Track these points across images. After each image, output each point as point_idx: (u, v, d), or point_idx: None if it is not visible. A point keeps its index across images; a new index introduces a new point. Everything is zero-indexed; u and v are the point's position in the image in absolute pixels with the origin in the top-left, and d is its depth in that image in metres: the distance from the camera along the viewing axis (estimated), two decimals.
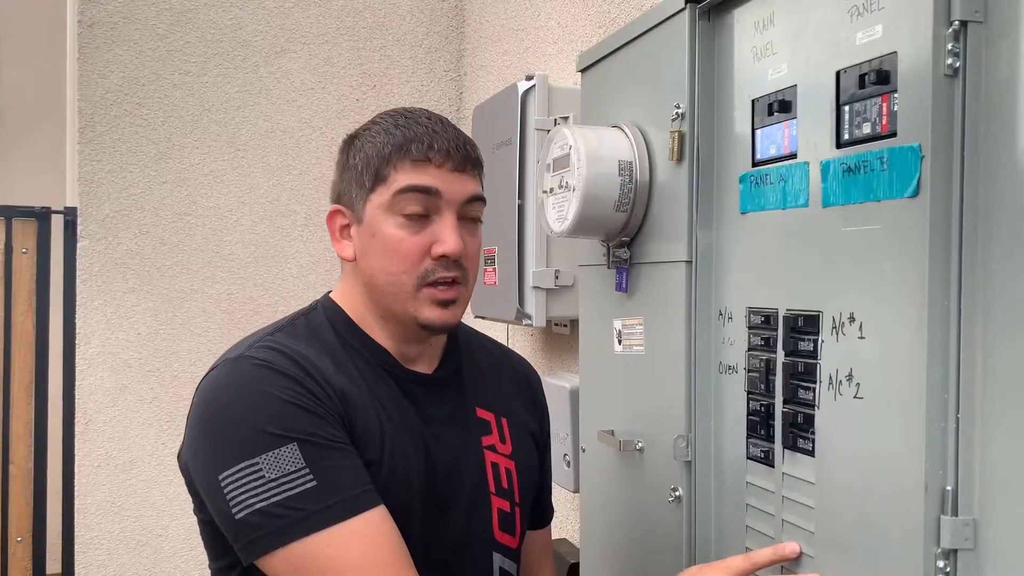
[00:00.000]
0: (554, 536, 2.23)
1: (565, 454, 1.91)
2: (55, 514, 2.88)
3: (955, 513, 0.83)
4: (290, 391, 1.04)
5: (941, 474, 0.84)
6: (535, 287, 1.94)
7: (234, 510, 1.00)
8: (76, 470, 2.76)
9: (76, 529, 2.77)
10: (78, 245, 2.75)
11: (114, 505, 2.79)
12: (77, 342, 2.75)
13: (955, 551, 0.83)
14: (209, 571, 1.16)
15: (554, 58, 2.25)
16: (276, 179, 2.92)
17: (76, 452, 2.76)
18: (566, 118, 1.90)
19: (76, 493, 2.76)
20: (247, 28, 2.89)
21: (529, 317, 1.96)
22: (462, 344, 1.29)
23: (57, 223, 2.85)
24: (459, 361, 1.26)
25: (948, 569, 0.83)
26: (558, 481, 2.02)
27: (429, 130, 1.14)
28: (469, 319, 3.10)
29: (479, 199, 1.17)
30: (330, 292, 1.25)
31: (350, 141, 1.20)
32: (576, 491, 1.86)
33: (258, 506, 1.00)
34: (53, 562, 2.93)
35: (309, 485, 1.00)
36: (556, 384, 1.97)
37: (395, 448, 1.11)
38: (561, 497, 2.22)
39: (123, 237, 2.78)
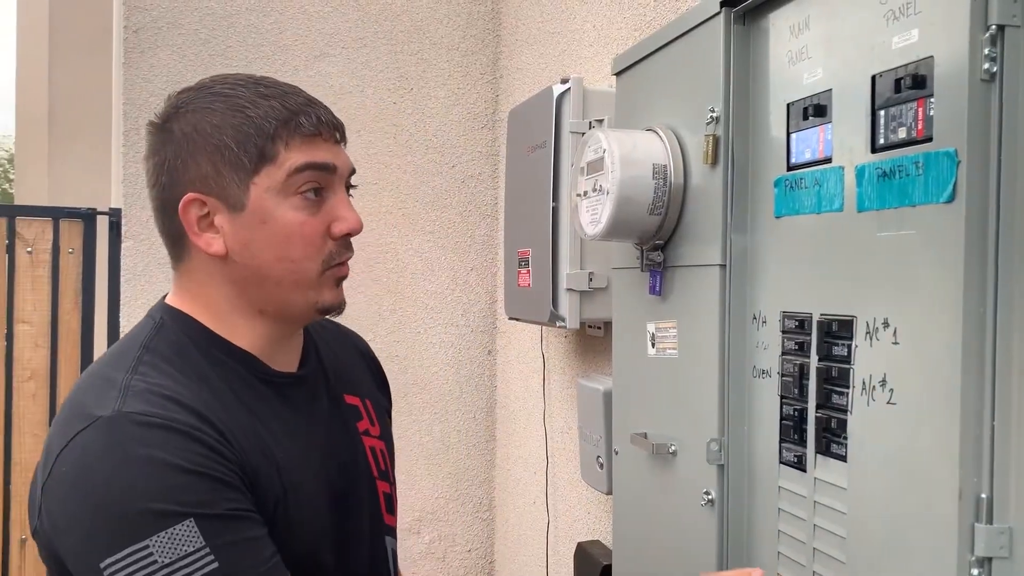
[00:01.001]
0: (587, 538, 2.23)
1: (598, 456, 1.92)
2: None
3: (990, 521, 0.83)
4: (184, 453, 0.90)
5: (976, 481, 0.83)
6: (569, 289, 1.95)
7: None
8: None
9: None
10: (122, 245, 2.80)
11: None
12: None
13: (990, 559, 0.82)
14: None
15: (590, 61, 2.26)
16: None
17: None
18: (601, 121, 1.90)
19: None
20: (287, 32, 2.93)
21: (563, 319, 1.96)
22: (309, 330, 1.17)
23: (102, 224, 2.91)
24: (316, 350, 1.16)
25: None
26: (590, 483, 2.02)
27: (306, 98, 1.02)
28: (493, 322, 3.12)
29: (354, 171, 1.09)
30: (164, 299, 1.08)
31: (176, 116, 1.01)
32: (609, 493, 1.87)
33: None
34: None
35: (211, 568, 0.88)
36: (590, 386, 1.97)
37: (292, 467, 1.02)
38: (594, 499, 2.23)
39: None
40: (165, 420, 0.91)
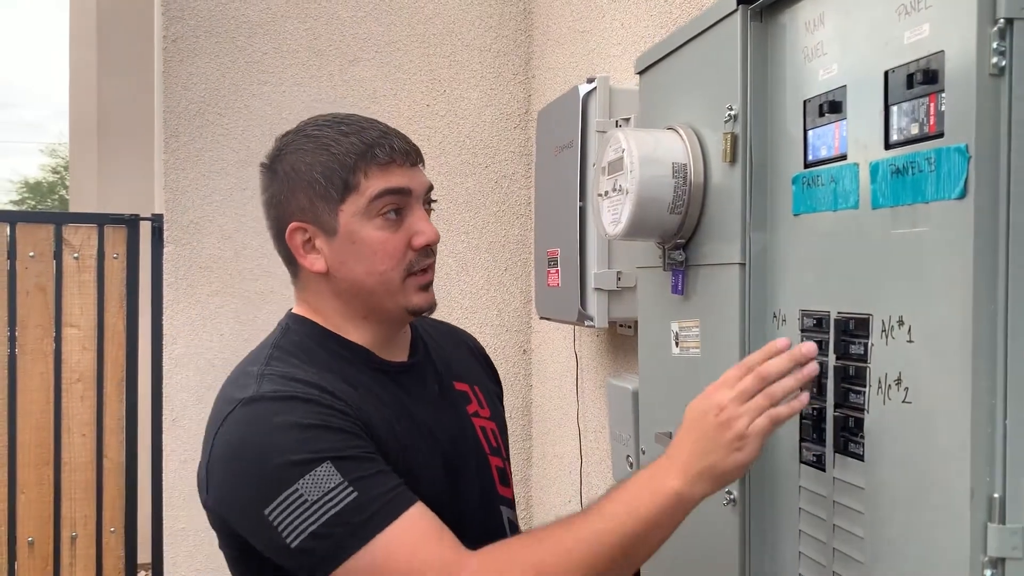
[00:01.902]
0: None
1: (628, 456, 1.92)
2: (145, 506, 3.02)
3: (1003, 521, 0.81)
4: (312, 414, 1.07)
5: (988, 481, 0.82)
6: (597, 289, 1.95)
7: (288, 540, 1.03)
8: (164, 465, 2.89)
9: (164, 521, 2.90)
10: (164, 250, 2.87)
11: (199, 499, 2.91)
12: (164, 343, 2.88)
13: (1003, 560, 0.81)
14: None
15: (618, 59, 2.26)
16: None
17: (164, 448, 2.89)
18: (627, 120, 1.90)
19: (164, 487, 2.89)
20: (321, 38, 2.97)
21: (591, 318, 1.97)
22: (417, 328, 1.34)
23: (145, 229, 2.99)
24: (423, 344, 1.32)
25: None
26: None
27: (380, 131, 1.18)
28: (529, 321, 3.13)
29: (432, 188, 1.25)
30: (291, 311, 1.29)
31: (280, 158, 1.20)
32: None
33: (310, 530, 1.02)
34: (144, 552, 3.08)
35: (350, 498, 1.03)
36: (620, 386, 1.97)
37: (406, 441, 1.16)
38: None
39: (206, 242, 2.90)
40: (292, 392, 1.09)
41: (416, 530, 1.04)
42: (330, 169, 1.15)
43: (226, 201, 2.91)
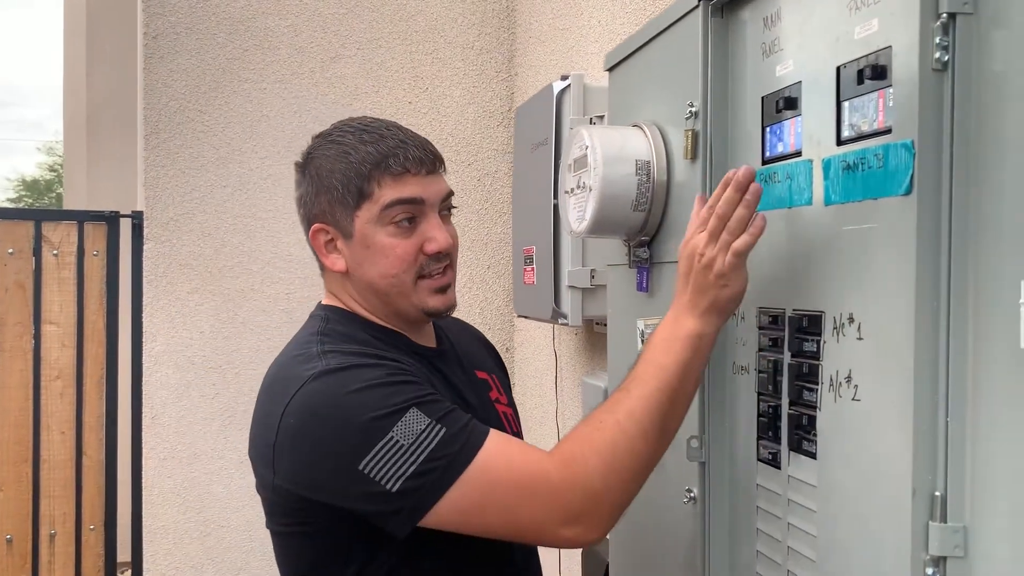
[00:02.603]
0: None
1: None
2: (125, 504, 3.01)
3: (944, 520, 0.81)
4: (382, 375, 1.13)
5: (930, 479, 0.82)
6: (571, 286, 1.95)
7: (388, 485, 1.07)
8: (143, 462, 2.88)
9: (144, 519, 2.89)
10: (144, 247, 2.87)
11: (179, 496, 2.91)
12: (144, 340, 2.87)
13: (944, 559, 0.81)
14: None
15: (596, 56, 2.25)
16: None
17: (144, 445, 2.88)
18: (601, 117, 1.90)
19: (144, 484, 2.89)
20: (303, 35, 2.96)
21: (565, 316, 1.96)
22: (435, 320, 1.38)
23: (125, 226, 2.98)
24: (444, 335, 1.38)
25: None
26: None
27: (398, 140, 1.21)
28: (511, 319, 3.12)
29: (451, 194, 1.28)
30: (322, 303, 1.32)
31: (309, 161, 1.25)
32: None
33: (410, 470, 1.07)
34: (123, 550, 3.07)
35: (442, 434, 1.09)
36: (593, 384, 1.97)
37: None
38: None
39: (186, 239, 2.89)
40: (360, 361, 1.15)
41: (503, 445, 1.12)
42: (347, 177, 1.19)
43: (206, 198, 2.91)
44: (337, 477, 1.10)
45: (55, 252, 2.90)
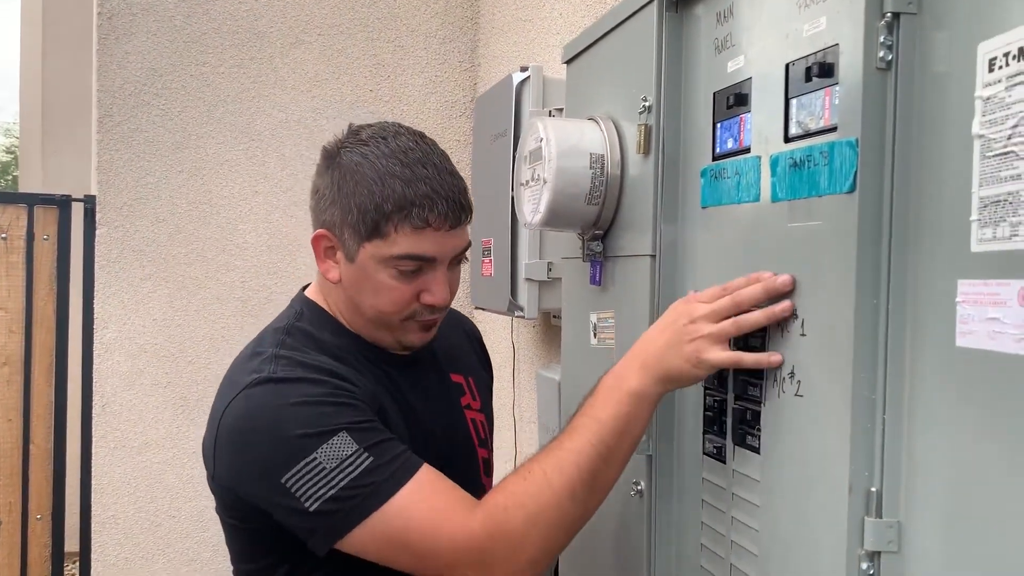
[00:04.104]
0: None
1: None
2: (73, 494, 2.96)
3: (879, 515, 0.82)
4: (323, 392, 1.11)
5: (867, 475, 0.83)
6: (528, 279, 1.94)
7: (306, 504, 1.07)
8: (93, 451, 2.83)
9: (93, 508, 2.84)
10: (97, 232, 2.81)
11: (129, 486, 2.86)
12: (95, 327, 2.82)
13: (878, 553, 0.82)
14: (234, 572, 1.26)
15: (556, 49, 2.24)
16: (290, 169, 2.95)
17: (93, 433, 2.83)
18: (560, 110, 1.89)
19: (93, 473, 2.84)
20: (263, 19, 2.92)
21: (521, 309, 1.96)
22: None
23: (77, 210, 2.92)
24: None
25: (872, 571, 0.82)
26: None
27: (430, 188, 1.14)
28: (468, 310, 3.11)
29: (467, 247, 1.24)
30: (305, 290, 1.32)
31: (334, 161, 1.19)
32: None
33: (329, 494, 1.06)
34: (71, 540, 3.02)
35: (368, 462, 1.07)
36: (548, 377, 1.97)
37: (403, 432, 1.19)
38: None
39: (140, 225, 2.84)
40: (306, 375, 1.13)
41: (429, 487, 1.10)
42: (366, 207, 1.14)
43: (161, 183, 2.86)
44: (261, 484, 1.10)
45: (3, 236, 2.83)
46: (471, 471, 1.35)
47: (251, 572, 1.23)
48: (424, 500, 1.08)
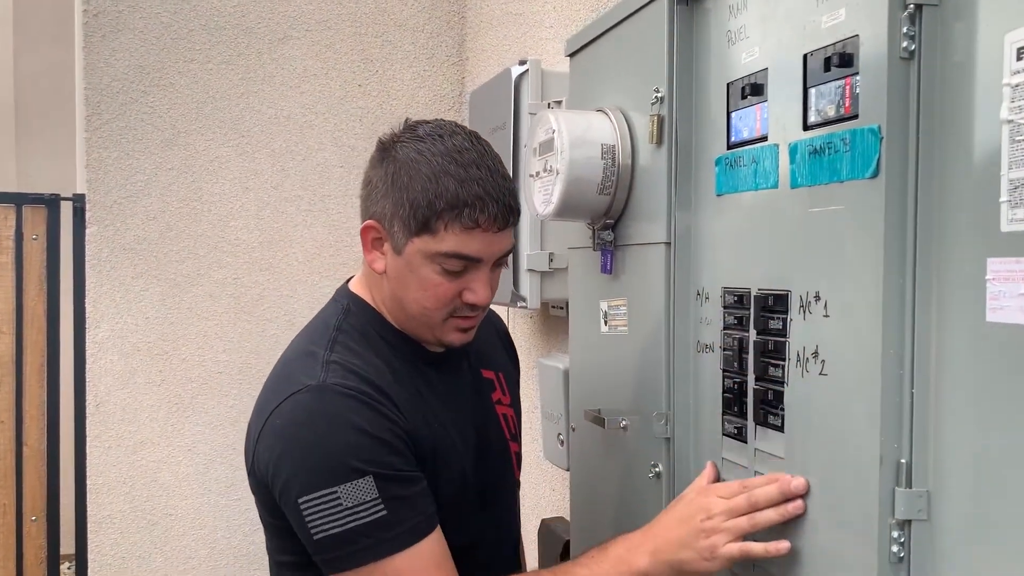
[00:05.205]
0: (550, 514, 2.27)
1: (559, 434, 1.94)
2: (68, 494, 2.94)
3: (909, 485, 0.85)
4: (374, 423, 1.14)
5: (896, 447, 0.86)
6: (529, 270, 1.97)
7: (312, 531, 1.12)
8: (87, 451, 2.82)
9: (88, 509, 2.83)
10: (87, 231, 2.79)
11: (125, 485, 2.85)
12: (87, 326, 2.80)
13: (909, 522, 0.85)
14: (270, 560, 1.30)
15: (550, 42, 2.27)
16: (280, 165, 2.95)
17: (87, 434, 2.82)
18: (559, 102, 1.91)
19: (88, 474, 2.82)
20: (250, 15, 2.91)
21: (524, 299, 1.98)
22: None
23: (66, 209, 2.90)
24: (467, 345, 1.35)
25: (902, 539, 0.86)
26: (553, 460, 2.05)
27: (483, 190, 1.16)
28: None
29: (512, 249, 1.26)
30: (349, 282, 1.34)
31: (389, 154, 1.21)
32: (568, 469, 1.89)
33: (335, 531, 1.11)
34: (67, 541, 3.00)
35: (380, 515, 1.11)
36: (551, 365, 1.99)
37: (442, 430, 1.25)
38: (557, 477, 2.26)
39: (131, 223, 2.82)
40: (358, 392, 1.15)
41: (425, 561, 1.14)
42: (418, 203, 1.16)
43: (151, 181, 2.84)
44: (284, 493, 1.15)
45: None
46: (505, 465, 1.40)
47: (285, 564, 1.25)
48: (416, 571, 1.13)
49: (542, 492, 2.37)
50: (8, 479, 2.85)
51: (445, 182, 1.16)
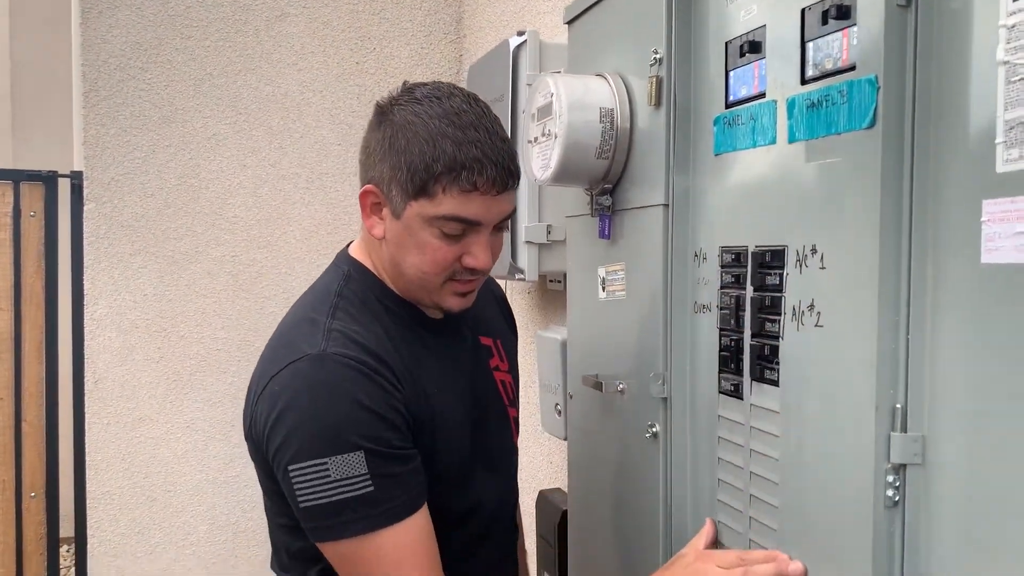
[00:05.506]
0: (548, 485, 2.28)
1: (556, 404, 1.95)
2: (67, 471, 2.95)
3: (904, 430, 0.86)
4: (373, 396, 1.14)
5: (892, 393, 0.87)
6: (527, 242, 1.98)
7: (299, 499, 1.13)
8: (86, 428, 2.83)
9: (88, 485, 2.84)
10: (84, 208, 2.79)
11: (124, 462, 2.86)
12: (85, 303, 2.81)
13: (904, 466, 0.86)
14: (270, 523, 1.31)
15: (547, 15, 2.27)
16: (278, 143, 2.95)
17: (86, 410, 2.83)
18: (558, 72, 1.91)
19: (87, 450, 2.83)
20: None
21: (522, 271, 1.99)
22: None
23: (64, 186, 2.90)
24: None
25: (897, 484, 0.87)
26: (550, 430, 2.06)
27: (481, 152, 1.15)
28: None
29: (512, 212, 1.24)
30: (348, 248, 1.33)
31: (386, 117, 1.19)
32: (566, 439, 1.90)
33: (320, 501, 1.11)
34: (66, 517, 3.01)
35: (367, 490, 1.11)
36: (549, 336, 2.00)
37: (439, 396, 1.25)
38: (555, 449, 2.27)
39: (128, 200, 2.83)
40: (359, 363, 1.14)
41: (409, 540, 1.14)
42: (415, 166, 1.15)
43: (148, 158, 2.84)
44: (276, 459, 1.15)
45: None
46: (504, 431, 1.41)
47: (284, 526, 1.26)
48: (397, 551, 1.13)
49: (539, 465, 2.38)
50: (7, 455, 2.86)
51: (442, 145, 1.14)
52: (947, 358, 0.83)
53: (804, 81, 1.00)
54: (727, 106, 1.16)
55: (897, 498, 0.87)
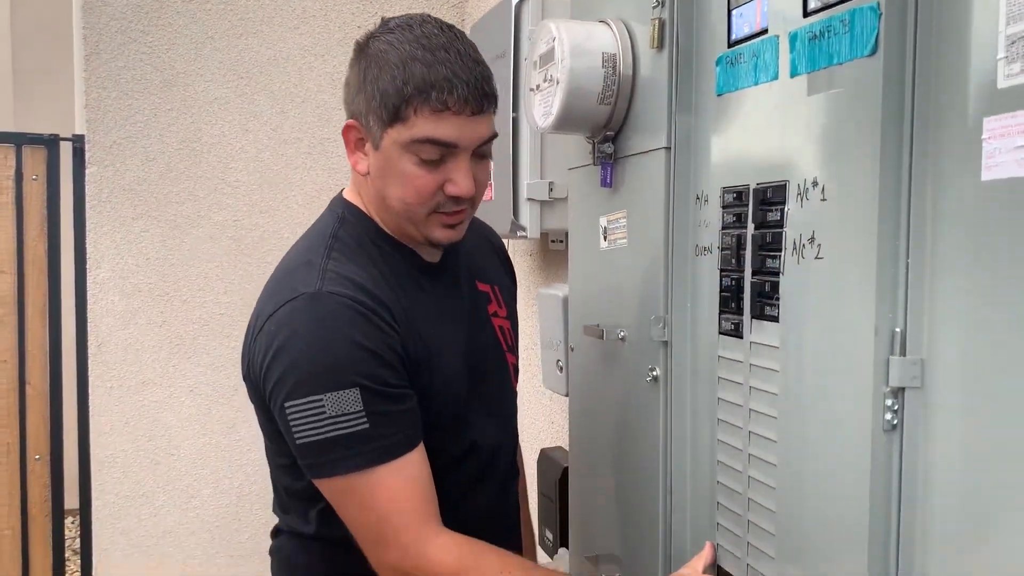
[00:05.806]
0: (550, 443, 2.29)
1: (558, 360, 1.96)
2: (71, 434, 2.97)
3: (903, 353, 0.87)
4: (368, 334, 1.14)
5: (891, 317, 0.87)
6: (529, 199, 1.98)
7: (295, 435, 1.14)
8: (90, 391, 2.84)
9: (92, 448, 2.86)
10: (87, 172, 2.79)
11: (128, 425, 2.88)
12: (88, 267, 2.81)
13: (903, 389, 0.87)
14: (270, 464, 1.33)
15: None
16: (279, 107, 2.94)
17: (89, 374, 2.84)
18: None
19: (90, 413, 2.85)
20: None
21: (524, 229, 1.99)
22: None
23: (66, 150, 2.89)
24: (457, 243, 1.34)
25: (896, 407, 0.87)
26: (551, 387, 2.07)
27: (450, 72, 1.14)
28: None
29: (492, 137, 1.23)
30: (342, 193, 1.33)
31: (363, 52, 1.20)
32: (568, 394, 1.91)
33: (315, 438, 1.13)
34: (71, 480, 3.03)
35: (362, 427, 1.12)
36: (550, 293, 2.01)
37: (435, 339, 1.25)
38: (556, 408, 2.28)
39: (130, 164, 2.82)
40: (354, 301, 1.15)
41: (404, 478, 1.15)
42: (387, 92, 1.15)
43: (150, 122, 2.84)
44: (273, 396, 1.17)
45: None
46: (503, 376, 1.42)
47: (283, 466, 1.27)
48: (391, 489, 1.14)
49: (541, 425, 2.39)
50: (12, 418, 2.88)
51: (412, 67, 1.14)
52: (947, 281, 0.84)
53: (806, 14, 1.00)
54: (729, 45, 1.16)
55: (895, 422, 0.87)
